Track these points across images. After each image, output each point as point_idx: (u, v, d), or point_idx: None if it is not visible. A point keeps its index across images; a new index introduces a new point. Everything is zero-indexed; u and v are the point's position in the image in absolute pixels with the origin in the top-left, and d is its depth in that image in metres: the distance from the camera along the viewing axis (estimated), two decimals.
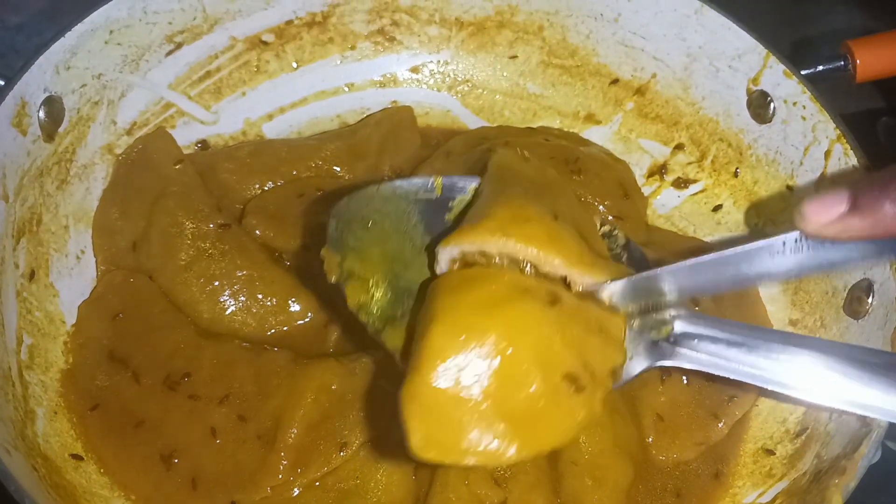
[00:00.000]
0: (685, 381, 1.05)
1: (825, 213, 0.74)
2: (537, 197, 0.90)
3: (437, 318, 0.80)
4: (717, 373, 0.88)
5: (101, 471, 0.97)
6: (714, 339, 0.89)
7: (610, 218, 1.15)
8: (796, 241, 0.76)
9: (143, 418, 0.99)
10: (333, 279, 0.90)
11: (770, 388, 0.86)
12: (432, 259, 0.89)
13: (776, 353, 0.86)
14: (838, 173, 1.08)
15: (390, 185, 0.96)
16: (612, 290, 0.86)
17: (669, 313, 0.91)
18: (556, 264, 0.84)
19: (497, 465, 0.80)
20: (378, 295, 0.91)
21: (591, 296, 0.86)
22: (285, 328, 1.08)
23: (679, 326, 0.90)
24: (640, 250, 0.94)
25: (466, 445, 0.77)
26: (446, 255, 0.87)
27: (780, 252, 0.77)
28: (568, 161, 1.19)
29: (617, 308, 0.87)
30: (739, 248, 0.78)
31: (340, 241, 0.92)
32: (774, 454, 1.03)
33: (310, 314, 1.08)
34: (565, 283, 0.85)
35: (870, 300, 1.00)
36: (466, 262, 0.86)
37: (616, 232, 0.96)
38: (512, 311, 0.80)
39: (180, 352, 1.02)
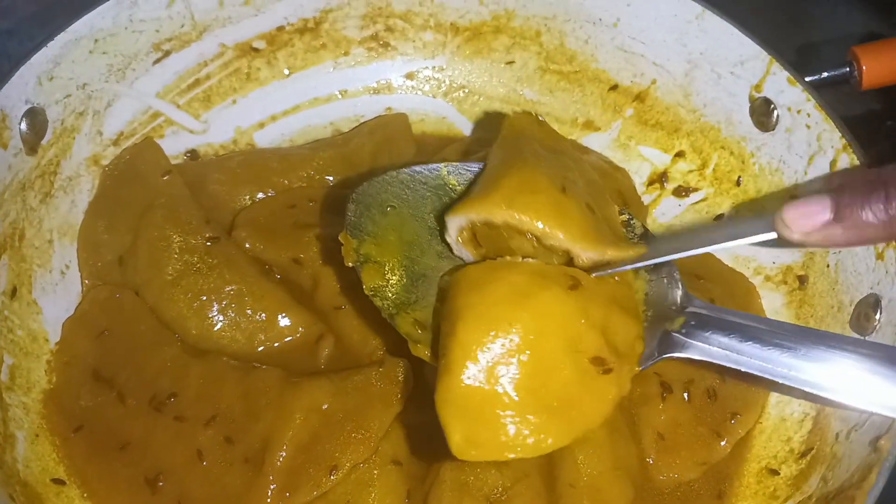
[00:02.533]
0: (686, 399, 1.02)
1: (808, 221, 0.76)
2: (549, 166, 0.91)
3: (463, 315, 0.81)
4: (729, 365, 0.87)
5: (85, 495, 0.95)
6: (727, 332, 0.88)
7: None
8: None
9: (128, 440, 0.97)
10: (350, 263, 0.91)
11: (782, 382, 0.85)
12: (448, 246, 0.93)
13: (790, 347, 0.86)
14: None
15: (409, 170, 0.98)
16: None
17: (683, 305, 0.91)
18: (560, 238, 0.86)
19: (537, 455, 0.82)
20: (393, 280, 0.92)
21: (601, 270, 0.88)
22: (275, 344, 1.05)
23: (692, 318, 0.90)
24: (657, 239, 0.96)
25: (505, 440, 0.79)
26: (454, 225, 0.90)
27: None
28: None
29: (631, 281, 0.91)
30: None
31: (358, 226, 0.94)
32: (779, 474, 1.01)
33: (301, 329, 1.06)
34: (567, 255, 0.88)
35: (877, 316, 0.97)
36: (474, 232, 0.89)
37: (634, 221, 0.97)
38: (535, 300, 0.82)
39: (167, 371, 0.99)
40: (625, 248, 0.90)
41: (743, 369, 0.87)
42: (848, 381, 0.84)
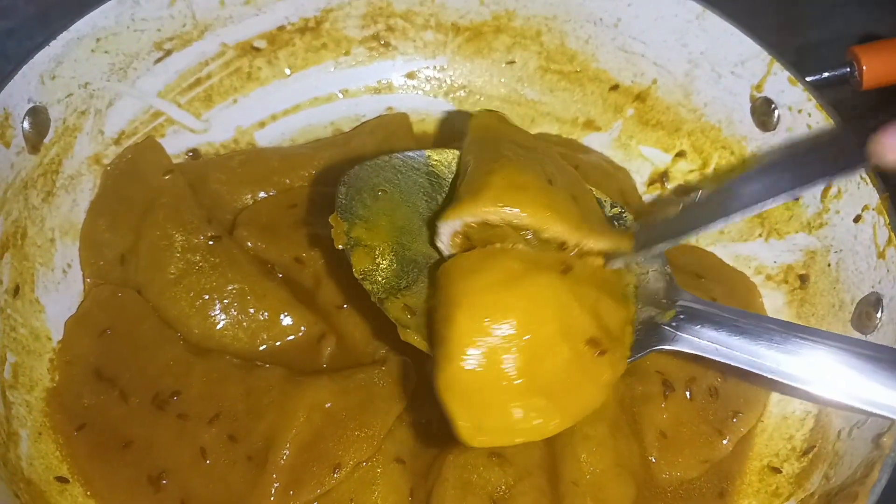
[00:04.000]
0: (688, 397, 1.02)
1: None
2: (528, 160, 0.92)
3: (459, 302, 0.81)
4: (718, 359, 0.88)
5: (88, 493, 0.95)
6: (717, 326, 0.89)
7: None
8: None
9: (131, 438, 0.96)
10: (340, 246, 0.91)
11: (771, 377, 0.87)
12: (436, 233, 0.91)
13: (779, 342, 0.87)
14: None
15: (402, 155, 0.98)
16: (619, 255, 0.90)
17: (673, 298, 0.92)
18: (556, 231, 0.86)
19: (541, 438, 0.83)
20: (384, 264, 0.91)
21: (593, 256, 0.89)
22: (277, 343, 1.05)
23: (682, 312, 0.91)
24: (646, 228, 0.95)
25: (512, 425, 0.80)
26: (448, 230, 0.89)
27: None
28: None
29: (621, 266, 0.91)
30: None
31: (349, 209, 0.93)
32: (780, 472, 1.01)
33: (303, 328, 1.06)
34: (562, 246, 0.88)
35: (879, 315, 0.97)
36: (467, 236, 0.89)
37: (625, 214, 0.98)
38: (530, 285, 0.82)
39: (169, 369, 0.99)
40: (615, 236, 0.91)
41: (733, 363, 0.88)
42: (833, 377, 0.85)
